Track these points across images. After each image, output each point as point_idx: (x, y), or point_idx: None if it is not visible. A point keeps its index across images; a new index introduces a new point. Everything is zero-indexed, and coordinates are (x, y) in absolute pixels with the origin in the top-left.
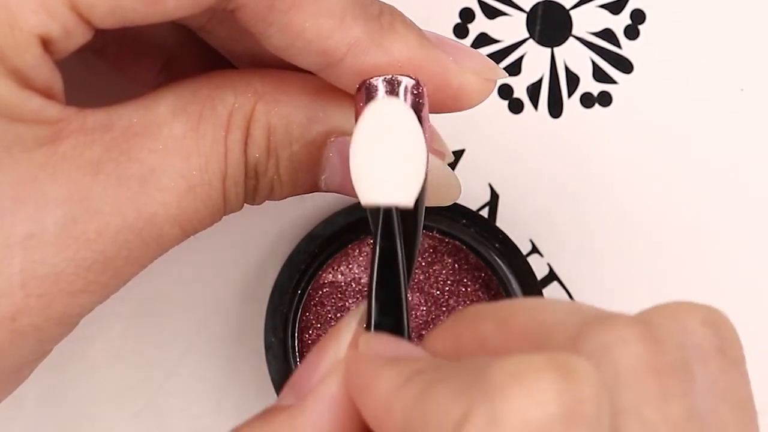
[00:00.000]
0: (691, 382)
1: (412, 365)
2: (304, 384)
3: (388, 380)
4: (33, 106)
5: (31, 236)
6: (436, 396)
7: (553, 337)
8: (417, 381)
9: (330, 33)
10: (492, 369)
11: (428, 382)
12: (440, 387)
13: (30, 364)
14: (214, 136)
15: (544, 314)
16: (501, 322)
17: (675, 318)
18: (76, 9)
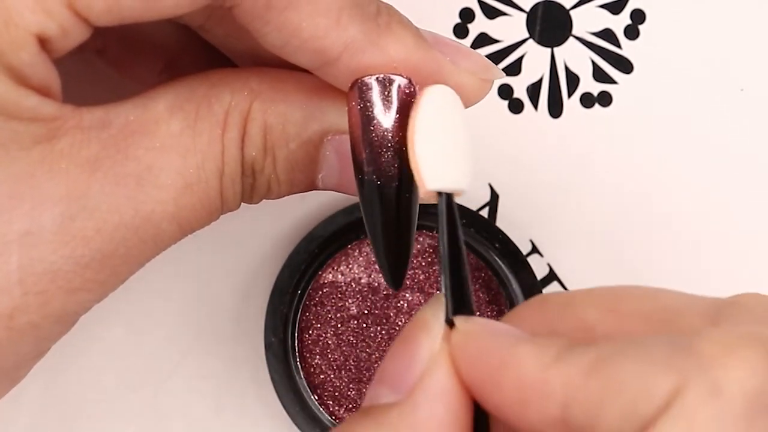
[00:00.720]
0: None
1: (556, 342)
2: (401, 378)
3: (534, 357)
4: (29, 103)
5: (28, 234)
6: (625, 369)
7: (684, 319)
8: (579, 357)
9: (326, 32)
10: (699, 342)
11: (602, 356)
12: (627, 360)
13: (28, 362)
14: (211, 135)
15: (660, 300)
16: (608, 308)
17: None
18: (73, 7)
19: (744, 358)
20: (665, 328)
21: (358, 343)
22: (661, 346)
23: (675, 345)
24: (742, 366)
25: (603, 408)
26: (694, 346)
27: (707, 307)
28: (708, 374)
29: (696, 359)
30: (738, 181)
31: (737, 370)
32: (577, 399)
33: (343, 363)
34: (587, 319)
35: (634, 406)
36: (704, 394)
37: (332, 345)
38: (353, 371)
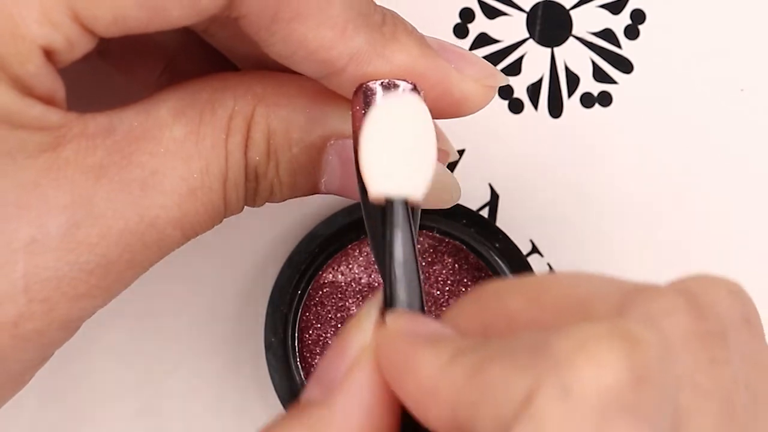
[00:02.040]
0: (730, 349)
1: (453, 343)
2: (330, 376)
3: (431, 359)
4: (35, 113)
5: (34, 241)
6: (494, 372)
7: (593, 309)
8: (465, 359)
9: (332, 44)
10: (555, 340)
11: (480, 359)
12: (496, 363)
13: (32, 368)
14: (215, 139)
15: (579, 288)
16: (532, 297)
17: (708, 288)
18: (78, 20)
19: (595, 356)
20: (577, 317)
21: None
22: (524, 346)
23: (534, 345)
24: (593, 364)
25: (478, 412)
26: (549, 346)
27: (618, 296)
28: (558, 374)
29: (549, 359)
30: (738, 181)
31: (587, 369)
32: (461, 403)
33: None
34: (512, 309)
35: (499, 411)
36: (554, 395)
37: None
38: None
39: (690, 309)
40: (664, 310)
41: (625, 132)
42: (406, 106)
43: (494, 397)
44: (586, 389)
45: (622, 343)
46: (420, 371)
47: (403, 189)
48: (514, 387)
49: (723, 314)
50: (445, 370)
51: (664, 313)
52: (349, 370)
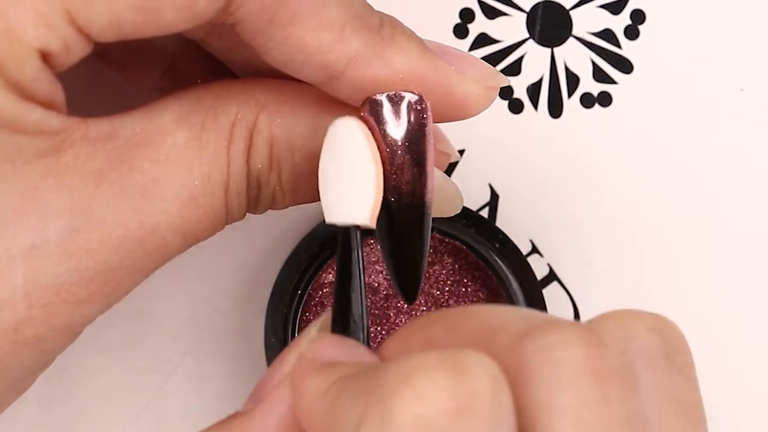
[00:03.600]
0: (634, 386)
1: (339, 370)
2: (261, 391)
3: (314, 385)
4: (34, 117)
5: (33, 247)
6: (342, 400)
7: (496, 339)
8: (336, 386)
9: (330, 47)
10: (386, 370)
11: (341, 388)
12: (347, 391)
13: (33, 374)
14: (217, 146)
15: (489, 318)
16: (451, 326)
17: (620, 324)
18: (74, 23)
19: (415, 387)
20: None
21: None
22: (369, 374)
23: (371, 375)
24: (413, 395)
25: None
26: (380, 376)
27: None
28: (381, 404)
29: (377, 389)
30: (738, 181)
31: (407, 400)
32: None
33: None
34: (434, 337)
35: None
36: (376, 425)
37: None
38: None
39: (588, 343)
40: (559, 342)
41: (625, 132)
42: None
43: (338, 425)
44: (403, 419)
45: (446, 374)
46: (303, 396)
47: (351, 217)
48: (349, 416)
49: (634, 350)
50: (320, 397)
51: (558, 346)
52: (275, 386)
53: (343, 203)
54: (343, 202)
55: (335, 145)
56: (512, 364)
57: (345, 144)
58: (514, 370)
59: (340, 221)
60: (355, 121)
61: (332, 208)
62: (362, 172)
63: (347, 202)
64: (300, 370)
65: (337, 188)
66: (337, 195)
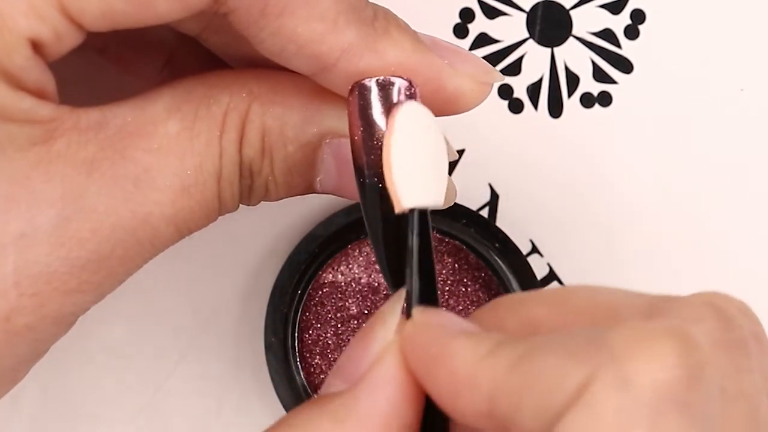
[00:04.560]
0: (752, 358)
1: (491, 337)
2: (353, 369)
3: (468, 349)
4: (24, 106)
5: (23, 236)
6: (543, 362)
7: (621, 315)
8: (507, 350)
9: (322, 37)
10: (613, 335)
11: (526, 351)
12: (546, 353)
13: (26, 363)
14: (209, 136)
15: (602, 296)
16: (554, 305)
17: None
18: (66, 12)
19: (654, 352)
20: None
21: None
22: (578, 339)
23: (590, 338)
24: (652, 359)
25: (522, 401)
26: (607, 339)
27: (646, 304)
28: (617, 366)
29: (607, 351)
30: (738, 181)
31: (646, 363)
32: (501, 392)
33: None
34: (534, 317)
35: (548, 399)
36: (612, 386)
37: (332, 345)
38: None
39: (717, 318)
40: (694, 317)
41: (625, 132)
42: (420, 116)
43: (543, 386)
44: (643, 382)
45: (678, 342)
46: (455, 361)
47: (427, 199)
48: (568, 376)
49: (742, 327)
50: (484, 359)
51: (693, 320)
52: (374, 363)
53: (421, 187)
54: (420, 186)
55: (407, 130)
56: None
57: (417, 129)
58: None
59: (420, 204)
60: (421, 105)
61: (410, 192)
62: (437, 154)
63: (424, 185)
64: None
65: (414, 173)
66: (414, 179)
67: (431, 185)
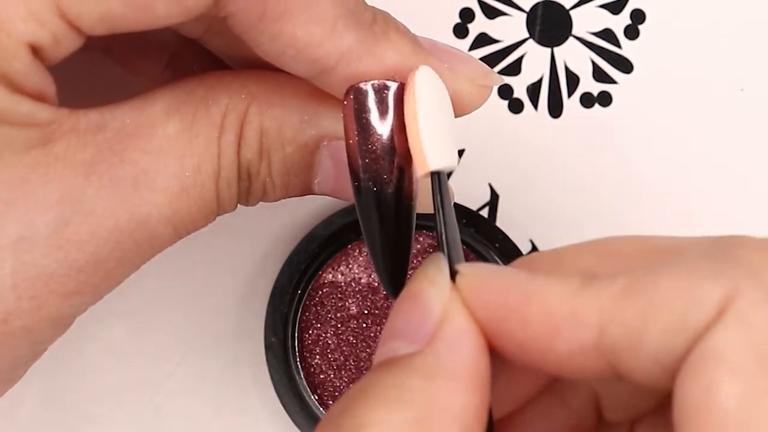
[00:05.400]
0: None
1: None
2: (418, 330)
3: (560, 287)
4: (23, 109)
5: (22, 238)
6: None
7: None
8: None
9: (321, 41)
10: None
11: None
12: (668, 279)
13: (24, 364)
14: (208, 137)
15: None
16: (603, 253)
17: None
18: (64, 16)
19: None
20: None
21: (358, 343)
22: (701, 260)
23: (715, 257)
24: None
25: (647, 326)
26: (737, 256)
27: (709, 243)
28: (760, 279)
29: (744, 266)
30: (738, 181)
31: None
32: (616, 322)
33: (343, 363)
34: (585, 266)
35: (683, 319)
36: (759, 297)
37: (332, 345)
38: (353, 371)
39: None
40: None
41: (625, 132)
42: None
43: (673, 307)
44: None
45: None
46: (549, 299)
47: (449, 161)
48: (705, 294)
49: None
50: (582, 293)
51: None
52: (441, 321)
53: (442, 149)
54: (441, 148)
55: (427, 93)
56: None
57: (434, 92)
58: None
59: (445, 166)
60: (432, 71)
61: (436, 154)
62: (449, 118)
63: (445, 147)
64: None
65: (437, 135)
66: (437, 142)
67: (449, 148)
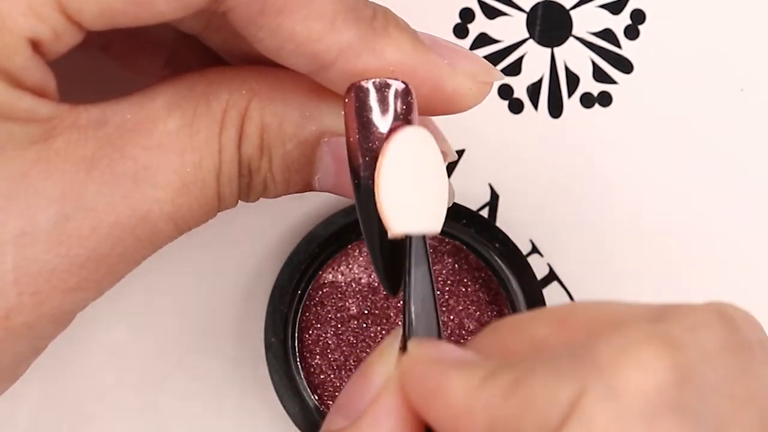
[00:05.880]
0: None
1: (484, 365)
2: (353, 406)
3: (462, 381)
4: (24, 105)
5: (23, 234)
6: (535, 384)
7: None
8: (499, 378)
9: (320, 37)
10: (597, 347)
11: (517, 376)
12: (536, 376)
13: (25, 360)
14: (209, 133)
15: (606, 310)
16: (558, 323)
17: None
18: (65, 12)
19: (639, 359)
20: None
21: (358, 343)
22: (565, 355)
23: (575, 353)
24: (638, 366)
25: (522, 424)
26: (592, 352)
27: (650, 313)
28: (605, 377)
29: (594, 364)
30: (738, 182)
31: (632, 371)
32: (500, 420)
33: (343, 363)
34: (538, 337)
35: (545, 419)
36: (602, 397)
37: (332, 345)
38: (353, 371)
39: (723, 324)
40: (700, 322)
41: (625, 132)
42: (419, 142)
43: (537, 407)
44: (632, 390)
45: (663, 346)
46: (451, 393)
47: (422, 225)
48: (560, 394)
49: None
50: (478, 390)
51: (700, 325)
52: (374, 398)
53: (414, 213)
54: (413, 211)
55: (402, 155)
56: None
57: (414, 153)
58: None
59: (412, 231)
60: (423, 130)
61: (400, 218)
62: (435, 180)
63: (418, 211)
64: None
65: (407, 198)
66: (407, 205)
67: (426, 211)
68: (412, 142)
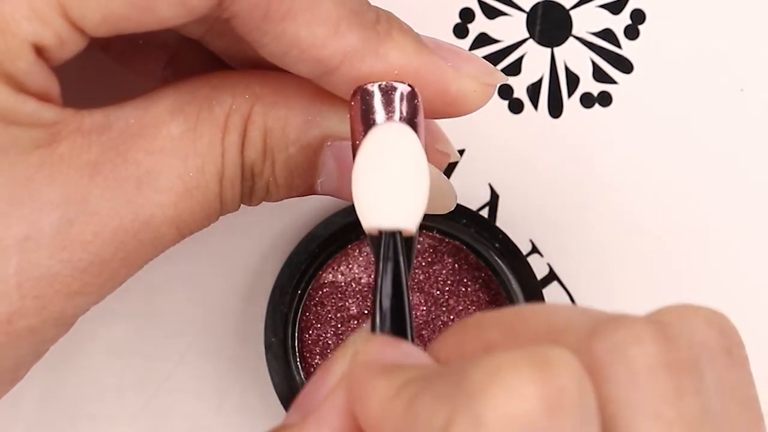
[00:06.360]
0: (703, 380)
1: (405, 373)
2: (308, 402)
3: (381, 390)
4: (28, 109)
5: (27, 238)
6: (422, 403)
7: (564, 338)
8: (407, 390)
9: (325, 42)
10: (470, 370)
11: (416, 390)
12: (426, 394)
13: (26, 364)
14: (212, 137)
15: (552, 317)
16: (507, 327)
17: (681, 318)
18: (68, 17)
19: (506, 384)
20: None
21: None
22: (449, 375)
23: (455, 374)
24: (504, 393)
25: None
26: (466, 375)
27: (590, 324)
28: (471, 404)
29: (464, 389)
30: (738, 182)
31: (498, 398)
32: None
33: None
34: (489, 340)
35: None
36: (467, 426)
37: (332, 345)
38: None
39: (659, 338)
40: (631, 338)
41: (625, 132)
42: (398, 138)
43: (420, 428)
44: (496, 418)
45: (535, 369)
46: (370, 402)
47: (396, 222)
48: (436, 418)
49: (698, 344)
50: (390, 401)
51: (631, 341)
52: (324, 396)
53: (388, 209)
54: (387, 208)
55: (378, 150)
56: (585, 361)
57: (393, 150)
58: (588, 367)
59: (384, 227)
60: (405, 126)
61: (372, 213)
62: (415, 178)
63: (393, 208)
64: (359, 375)
65: (382, 194)
66: (381, 201)
67: (402, 208)
68: (391, 138)
